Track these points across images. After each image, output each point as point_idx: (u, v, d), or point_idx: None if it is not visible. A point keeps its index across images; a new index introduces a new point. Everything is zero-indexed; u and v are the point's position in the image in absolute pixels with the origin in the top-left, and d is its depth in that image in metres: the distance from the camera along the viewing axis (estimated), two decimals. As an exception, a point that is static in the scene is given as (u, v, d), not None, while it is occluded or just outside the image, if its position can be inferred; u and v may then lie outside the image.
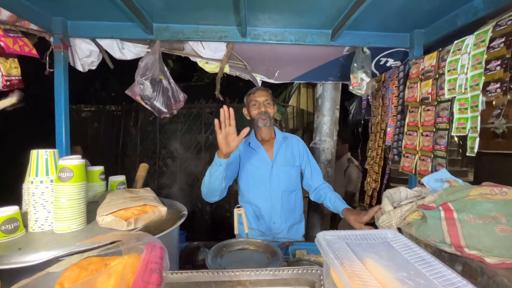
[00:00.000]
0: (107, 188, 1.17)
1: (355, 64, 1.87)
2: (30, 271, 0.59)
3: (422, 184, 1.20)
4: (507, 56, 1.05)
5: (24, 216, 0.84)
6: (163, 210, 0.89)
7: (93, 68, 2.09)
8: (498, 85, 1.09)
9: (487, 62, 1.14)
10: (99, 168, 1.16)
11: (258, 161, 1.55)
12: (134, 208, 0.83)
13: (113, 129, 6.24)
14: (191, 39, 1.82)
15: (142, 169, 1.43)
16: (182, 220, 0.97)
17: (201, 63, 2.22)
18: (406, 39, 1.84)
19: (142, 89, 1.61)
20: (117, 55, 2.02)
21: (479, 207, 0.85)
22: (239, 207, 1.39)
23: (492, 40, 1.13)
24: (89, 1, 1.47)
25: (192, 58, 2.17)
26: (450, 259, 0.85)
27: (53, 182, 0.81)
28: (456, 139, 1.39)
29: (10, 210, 0.76)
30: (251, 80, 2.39)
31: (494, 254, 0.77)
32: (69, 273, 0.55)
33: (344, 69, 2.26)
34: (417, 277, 0.45)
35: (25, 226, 0.82)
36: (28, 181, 0.82)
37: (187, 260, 1.30)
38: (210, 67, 2.26)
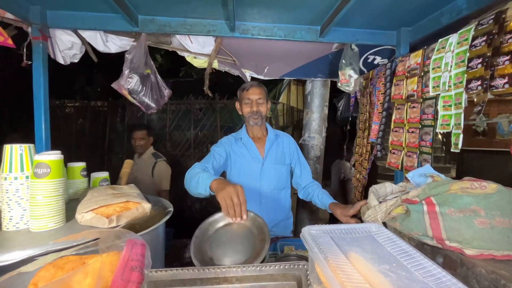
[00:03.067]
0: (89, 185, 1.13)
1: (343, 61, 1.88)
2: (3, 272, 0.56)
3: (408, 180, 1.22)
4: (488, 54, 1.08)
5: (-3, 214, 0.80)
6: (146, 207, 0.86)
7: (75, 61, 2.01)
8: (479, 82, 1.12)
9: (469, 60, 1.17)
10: (81, 164, 1.12)
11: (249, 158, 1.54)
12: (116, 205, 0.80)
13: (98, 125, 6.06)
14: (178, 33, 1.78)
15: (127, 166, 1.39)
16: (168, 217, 0.95)
17: (189, 58, 2.17)
18: (393, 36, 1.87)
19: (130, 82, 1.56)
20: (100, 48, 1.95)
21: (459, 200, 0.87)
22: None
23: (474, 38, 1.16)
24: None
25: (179, 53, 2.12)
26: (432, 252, 0.87)
27: (29, 179, 0.77)
28: (440, 136, 1.43)
29: (-18, 208, 0.72)
30: (240, 75, 2.36)
31: (473, 246, 0.79)
32: (44, 272, 0.52)
33: (333, 66, 2.27)
34: (398, 269, 0.45)
35: (-1, 224, 0.78)
36: (1, 178, 0.77)
37: (175, 257, 1.28)
38: (198, 62, 2.21)
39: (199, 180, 1.12)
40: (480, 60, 1.11)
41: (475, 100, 1.14)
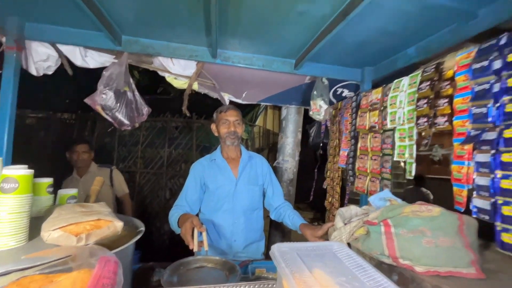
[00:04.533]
0: (55, 202, 1.08)
1: (315, 92, 2.06)
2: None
3: (370, 203, 1.33)
4: (431, 96, 1.28)
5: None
6: (118, 225, 0.85)
7: (49, 73, 1.96)
8: (425, 119, 1.31)
9: (418, 100, 1.37)
10: (47, 180, 1.07)
11: (222, 178, 1.57)
12: (86, 223, 0.78)
13: (64, 139, 5.68)
14: (161, 55, 1.84)
15: (97, 183, 1.36)
16: (139, 237, 0.94)
17: (169, 78, 2.22)
18: (358, 73, 2.10)
19: (104, 99, 1.56)
20: (78, 62, 1.93)
21: (410, 222, 0.98)
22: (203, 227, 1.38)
23: (421, 82, 1.37)
24: (55, 6, 1.42)
25: (160, 73, 2.17)
26: (389, 270, 0.96)
27: (-7, 194, 0.74)
28: (402, 164, 1.58)
29: None
30: (219, 98, 2.45)
31: (422, 263, 0.89)
32: (7, 292, 0.51)
33: (306, 95, 2.46)
34: (353, 280, 0.51)
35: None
36: (-39, 192, 0.73)
37: (141, 281, 1.23)
38: (178, 83, 2.27)
39: (173, 225, 1.39)
40: (425, 101, 1.31)
41: (423, 134, 1.33)
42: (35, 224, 0.84)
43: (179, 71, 2.10)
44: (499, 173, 0.93)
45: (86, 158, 2.45)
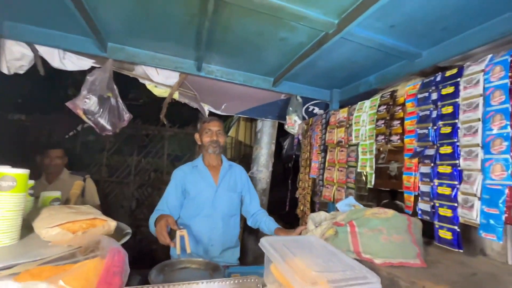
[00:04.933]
0: (37, 205, 1.06)
1: (290, 108, 2.26)
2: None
3: (337, 209, 1.51)
4: (387, 118, 1.54)
5: None
6: (112, 224, 0.89)
7: (21, 72, 1.88)
8: (383, 137, 1.55)
9: (377, 120, 1.62)
10: (29, 182, 1.06)
11: (203, 184, 1.63)
12: (83, 222, 0.81)
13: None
14: (146, 64, 1.89)
15: (76, 187, 1.35)
16: (126, 239, 0.98)
17: (149, 86, 2.26)
18: (327, 94, 2.37)
19: (87, 103, 1.56)
20: (56, 64, 1.89)
21: (371, 223, 1.17)
22: (181, 228, 1.42)
23: (379, 105, 1.63)
24: (43, 8, 1.42)
25: (141, 80, 2.20)
26: (353, 264, 1.12)
27: (-14, 192, 0.74)
28: (364, 178, 1.79)
29: None
30: (199, 108, 2.53)
31: (380, 256, 1.07)
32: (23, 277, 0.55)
33: (281, 110, 2.66)
34: (328, 261, 0.65)
35: None
36: (-47, 189, 0.72)
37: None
38: (159, 91, 2.31)
39: (151, 227, 1.45)
40: (383, 121, 1.56)
41: (381, 149, 1.57)
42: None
43: (161, 80, 2.15)
44: (436, 182, 1.17)
45: (58, 164, 2.31)
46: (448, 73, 1.21)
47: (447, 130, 1.15)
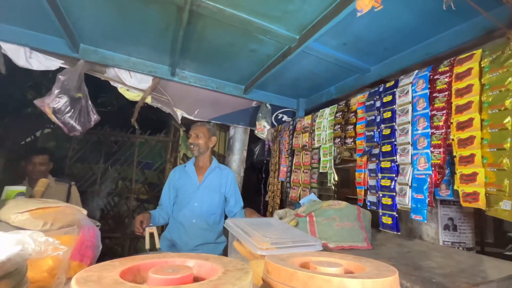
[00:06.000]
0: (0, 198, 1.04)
1: (260, 114, 2.41)
2: None
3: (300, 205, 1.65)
4: (343, 123, 1.75)
5: None
6: (84, 212, 0.92)
7: (-19, 69, 1.81)
8: (339, 140, 1.75)
9: (334, 125, 1.83)
10: (20, 188, 1.06)
11: (188, 183, 1.76)
12: (52, 209, 0.84)
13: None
14: (120, 67, 1.93)
15: (42, 184, 1.32)
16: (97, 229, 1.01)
17: (121, 89, 2.27)
18: (294, 103, 2.57)
19: (58, 102, 1.55)
20: (21, 62, 1.85)
21: (326, 213, 1.32)
22: (151, 226, 1.48)
23: (336, 112, 1.85)
24: (12, 5, 1.42)
25: (112, 83, 2.20)
26: (311, 249, 1.25)
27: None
28: (331, 183, 1.96)
29: None
30: (172, 114, 2.58)
31: (333, 240, 1.22)
32: None
33: (252, 117, 2.81)
34: (282, 233, 0.77)
35: None
36: None
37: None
38: (131, 95, 2.33)
39: None
40: (339, 126, 1.77)
41: (338, 150, 1.76)
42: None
43: (134, 84, 2.18)
44: (380, 176, 1.37)
45: (43, 170, 2.18)
46: (388, 85, 1.44)
47: (387, 131, 1.36)
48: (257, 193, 3.65)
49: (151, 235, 1.44)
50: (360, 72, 1.89)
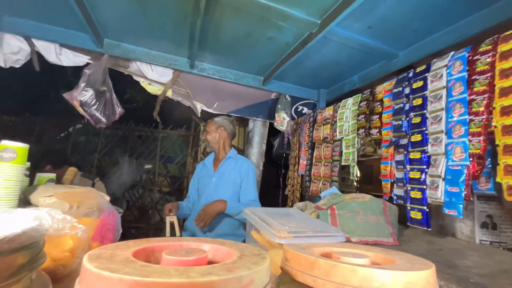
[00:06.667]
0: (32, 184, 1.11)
1: (279, 106, 2.36)
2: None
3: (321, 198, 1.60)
4: (367, 112, 1.65)
5: None
6: (107, 198, 0.95)
7: (17, 66, 1.93)
8: (363, 130, 1.66)
9: (358, 115, 1.73)
10: (50, 175, 1.12)
11: (205, 173, 1.84)
12: (78, 193, 0.87)
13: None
14: (141, 60, 1.97)
15: (70, 173, 1.40)
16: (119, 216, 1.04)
17: (143, 84, 2.33)
18: (315, 94, 2.48)
19: (84, 95, 1.62)
20: (52, 59, 1.95)
21: (349, 206, 1.26)
22: (171, 215, 1.52)
23: (360, 101, 1.75)
24: (42, 3, 1.49)
25: (135, 77, 2.27)
26: (332, 243, 1.20)
27: (-11, 162, 0.80)
28: (354, 178, 1.89)
29: None
30: (192, 107, 2.61)
31: (356, 234, 1.15)
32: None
33: (271, 110, 2.76)
34: (301, 222, 0.73)
35: None
36: (-42, 158, 0.77)
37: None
38: (153, 89, 2.38)
39: None
40: (363, 116, 1.68)
41: (361, 141, 1.67)
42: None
43: (155, 77, 2.22)
44: (408, 167, 1.27)
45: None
46: (418, 69, 1.33)
47: (417, 120, 1.26)
48: (276, 187, 3.62)
49: (172, 224, 1.47)
50: (387, 58, 1.77)
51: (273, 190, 3.94)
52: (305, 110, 2.79)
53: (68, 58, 2.00)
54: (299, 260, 0.44)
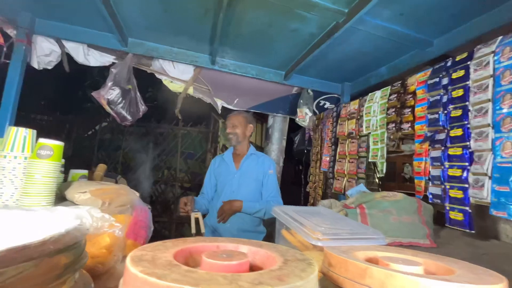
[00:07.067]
0: (66, 180, 1.16)
1: (301, 101, 2.30)
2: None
3: (348, 196, 1.53)
4: (398, 106, 1.55)
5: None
6: (137, 194, 0.96)
7: (49, 67, 2.03)
8: (394, 125, 1.57)
9: (388, 109, 1.64)
10: (82, 171, 1.17)
11: (225, 170, 1.79)
12: (110, 189, 0.89)
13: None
14: (164, 58, 1.99)
15: (100, 169, 1.44)
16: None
17: (166, 81, 2.36)
18: (338, 88, 2.39)
19: (111, 94, 1.67)
20: (80, 59, 2.03)
21: (380, 205, 1.19)
22: (196, 211, 1.52)
23: (390, 95, 1.65)
24: (70, 6, 1.54)
25: (157, 75, 2.30)
26: (363, 244, 1.14)
27: (27, 160, 0.83)
28: (381, 174, 1.79)
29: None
30: (212, 103, 2.61)
31: (389, 235, 1.09)
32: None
33: (292, 106, 2.70)
34: (335, 223, 0.69)
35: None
36: (1, 155, 0.81)
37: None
38: (175, 87, 2.41)
39: None
40: (393, 110, 1.58)
41: (391, 137, 1.58)
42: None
43: (177, 75, 2.25)
44: (447, 164, 1.18)
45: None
46: (458, 58, 1.22)
47: (458, 113, 1.16)
48: (296, 184, 3.57)
49: (196, 220, 1.47)
50: (419, 47, 1.65)
51: (294, 186, 3.89)
52: (328, 104, 2.70)
53: (95, 58, 2.07)
54: (347, 266, 0.40)
